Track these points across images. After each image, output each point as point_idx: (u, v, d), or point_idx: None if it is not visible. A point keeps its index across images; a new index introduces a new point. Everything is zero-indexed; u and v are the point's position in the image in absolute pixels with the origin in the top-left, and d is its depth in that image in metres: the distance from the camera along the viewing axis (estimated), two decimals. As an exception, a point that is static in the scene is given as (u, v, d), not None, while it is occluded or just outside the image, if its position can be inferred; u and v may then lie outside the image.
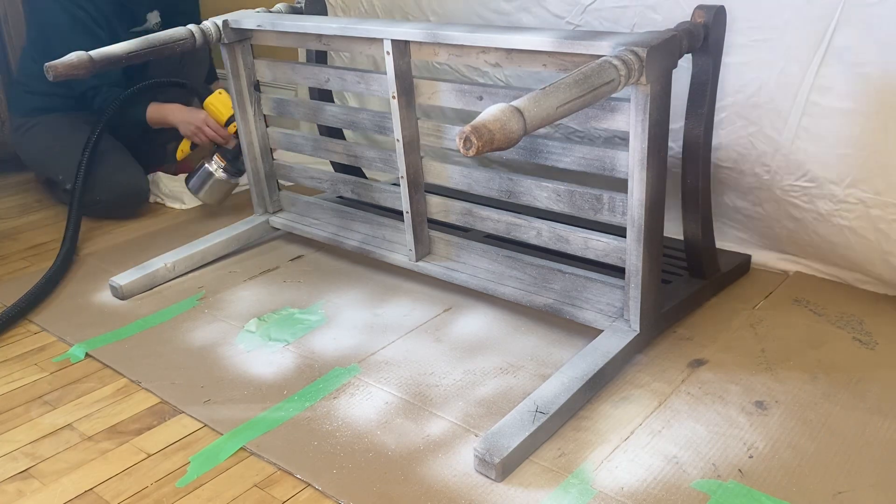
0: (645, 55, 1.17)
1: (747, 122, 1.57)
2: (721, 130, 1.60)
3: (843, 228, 1.53)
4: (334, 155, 1.83)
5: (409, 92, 1.55)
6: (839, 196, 1.51)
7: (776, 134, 1.54)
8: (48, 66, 1.53)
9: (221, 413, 1.34)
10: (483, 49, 1.42)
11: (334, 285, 1.76)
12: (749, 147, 1.59)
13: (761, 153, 1.58)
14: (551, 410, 1.22)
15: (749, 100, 1.56)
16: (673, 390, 1.33)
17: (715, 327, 1.51)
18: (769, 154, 1.56)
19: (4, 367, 1.53)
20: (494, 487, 1.14)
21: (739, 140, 1.60)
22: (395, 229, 1.77)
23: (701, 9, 1.34)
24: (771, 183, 1.59)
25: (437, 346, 1.51)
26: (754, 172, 1.60)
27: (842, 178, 1.49)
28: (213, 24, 1.76)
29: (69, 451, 1.28)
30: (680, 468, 1.16)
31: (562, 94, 1.03)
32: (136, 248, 2.01)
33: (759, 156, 1.58)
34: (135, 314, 1.69)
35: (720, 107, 1.57)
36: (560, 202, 1.45)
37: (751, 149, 1.58)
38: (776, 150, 1.55)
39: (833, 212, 1.53)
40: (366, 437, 1.26)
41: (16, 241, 2.14)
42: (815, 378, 1.34)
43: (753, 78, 1.54)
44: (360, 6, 2.23)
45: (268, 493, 1.17)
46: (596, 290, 1.48)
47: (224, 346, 1.55)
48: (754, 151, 1.58)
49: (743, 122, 1.58)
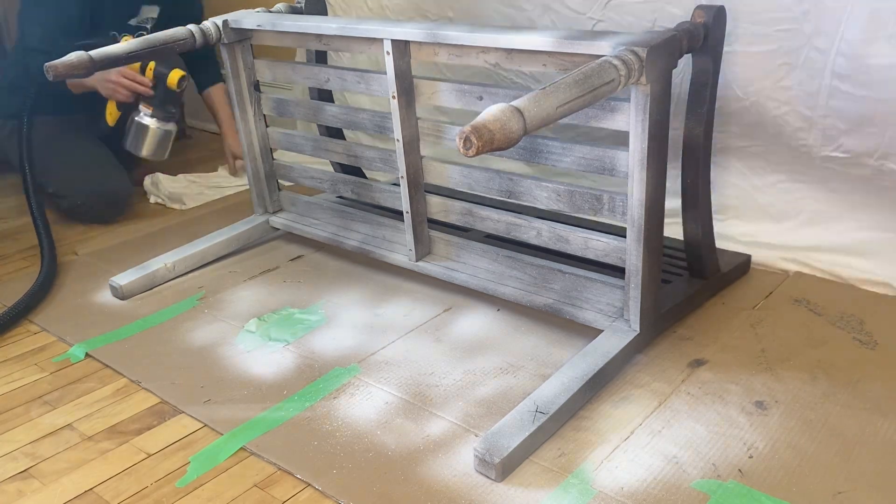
0: (645, 55, 1.17)
1: (779, 102, 1.63)
2: (753, 111, 1.67)
3: (884, 189, 1.60)
4: (334, 155, 1.83)
5: (409, 92, 1.55)
6: (873, 166, 1.58)
7: (809, 112, 1.60)
8: (48, 65, 1.53)
9: (221, 413, 1.34)
10: (483, 49, 1.42)
11: (334, 285, 1.76)
12: (783, 125, 1.65)
13: (797, 129, 1.64)
14: (551, 410, 1.22)
15: (778, 84, 1.62)
16: (673, 390, 1.33)
17: (715, 327, 1.51)
18: (805, 129, 1.63)
19: (4, 367, 1.53)
20: (494, 487, 1.14)
21: (774, 120, 1.65)
22: (395, 229, 1.77)
23: (701, 9, 1.34)
24: (810, 152, 1.65)
25: (437, 346, 1.51)
26: (793, 146, 1.66)
27: (872, 151, 1.57)
28: (212, 24, 1.76)
29: (69, 451, 1.28)
30: (680, 468, 1.16)
31: (562, 94, 1.03)
32: (136, 248, 2.01)
33: (795, 130, 1.64)
34: (135, 314, 1.69)
35: (748, 91, 1.65)
36: (560, 202, 1.45)
37: (785, 126, 1.65)
38: (811, 126, 1.61)
39: (871, 176, 1.60)
40: (366, 437, 1.26)
41: (16, 241, 2.14)
42: (815, 378, 1.34)
43: (781, 64, 1.60)
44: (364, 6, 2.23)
45: (268, 493, 1.17)
46: (596, 290, 1.48)
47: (224, 346, 1.54)
48: (788, 128, 1.64)
49: (775, 104, 1.64)
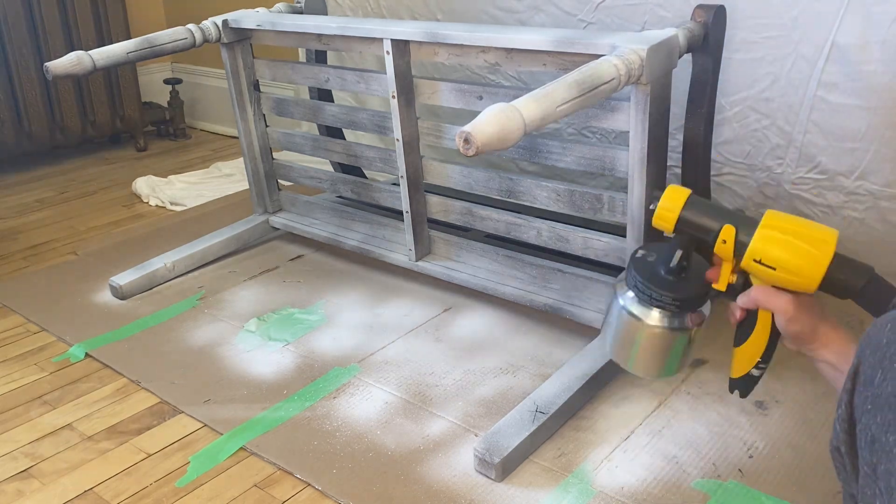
0: (645, 55, 1.17)
1: (761, 115, 1.60)
2: (735, 124, 1.64)
3: (853, 220, 1.56)
4: (334, 155, 1.83)
5: (408, 91, 1.55)
6: (849, 188, 1.54)
7: (789, 127, 1.57)
8: (47, 65, 1.53)
9: (221, 413, 1.34)
10: (483, 49, 1.42)
11: (334, 285, 1.76)
12: (763, 140, 1.62)
13: (775, 146, 1.61)
14: (551, 410, 1.22)
15: (762, 94, 1.59)
16: (673, 390, 1.33)
17: (715, 327, 1.51)
18: (783, 147, 1.60)
19: (4, 367, 1.53)
20: (494, 487, 1.14)
21: (754, 133, 1.63)
22: (394, 229, 1.77)
23: (701, 8, 1.34)
24: (781, 177, 1.62)
25: (437, 346, 1.51)
26: (766, 166, 1.63)
27: (851, 170, 1.52)
28: (212, 24, 1.76)
29: (69, 451, 1.28)
30: (680, 468, 1.16)
31: (562, 94, 1.03)
32: (136, 248, 2.01)
33: (772, 148, 1.61)
34: (135, 314, 1.69)
35: (733, 101, 1.61)
36: (560, 202, 1.45)
37: (764, 141, 1.62)
38: (790, 143, 1.58)
39: (843, 204, 1.56)
40: (366, 437, 1.26)
41: (16, 241, 2.14)
42: (815, 378, 1.34)
43: (766, 73, 1.57)
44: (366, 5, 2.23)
45: (268, 493, 1.17)
46: (596, 289, 1.48)
47: (224, 346, 1.54)
48: (768, 144, 1.62)
49: (757, 116, 1.61)
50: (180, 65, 3.10)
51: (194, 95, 2.85)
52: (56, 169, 2.72)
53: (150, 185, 2.38)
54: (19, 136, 2.58)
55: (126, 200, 2.39)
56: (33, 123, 2.58)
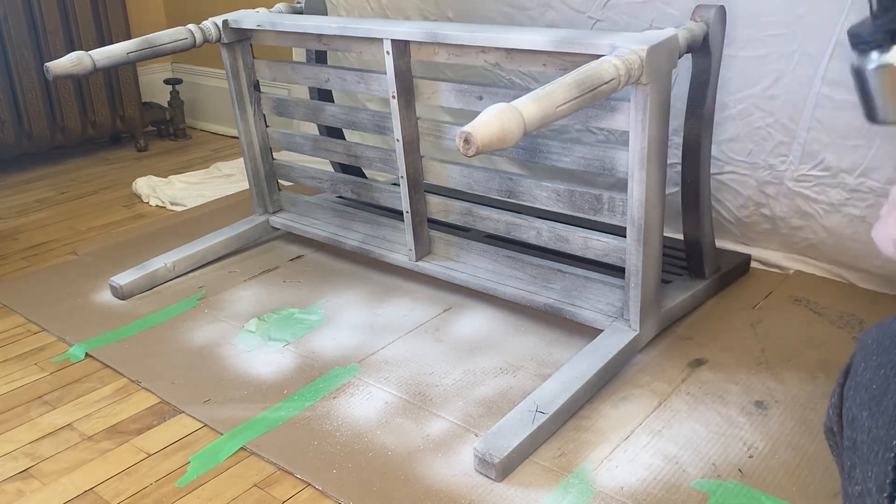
0: (644, 55, 1.17)
1: (765, 112, 1.61)
2: (739, 121, 1.64)
3: (854, 219, 1.56)
4: (334, 155, 1.83)
5: (408, 91, 1.55)
6: (851, 185, 1.54)
7: (793, 124, 1.58)
8: (48, 65, 1.53)
9: (221, 413, 1.34)
10: (483, 49, 1.42)
11: (334, 285, 1.76)
12: (766, 137, 1.62)
13: (778, 143, 1.61)
14: (551, 410, 1.22)
15: (766, 91, 1.59)
16: (673, 390, 1.33)
17: (715, 327, 1.51)
18: (786, 144, 1.60)
19: (4, 367, 1.53)
20: (494, 487, 1.14)
21: (758, 131, 1.63)
22: (394, 229, 1.77)
23: (701, 8, 1.34)
24: (784, 175, 1.62)
25: (437, 346, 1.51)
26: (769, 164, 1.63)
27: (854, 167, 1.53)
28: (212, 24, 1.76)
29: (69, 451, 1.28)
30: (680, 468, 1.16)
31: (562, 94, 1.03)
32: (136, 248, 2.01)
33: (776, 145, 1.62)
34: (135, 314, 1.69)
35: (737, 99, 1.61)
36: (560, 202, 1.45)
37: (768, 138, 1.62)
38: (793, 140, 1.59)
39: (845, 201, 1.56)
40: (366, 436, 1.26)
41: (16, 241, 2.14)
42: (815, 378, 1.34)
43: (770, 70, 1.57)
44: (366, 6, 2.23)
45: (268, 493, 1.17)
46: (596, 289, 1.48)
47: (224, 346, 1.54)
48: (771, 141, 1.62)
49: (761, 113, 1.61)
50: (180, 65, 3.10)
51: (194, 95, 2.84)
52: (56, 169, 2.72)
53: (151, 185, 2.38)
54: (19, 136, 2.58)
55: (126, 200, 2.39)
56: (33, 123, 2.59)
